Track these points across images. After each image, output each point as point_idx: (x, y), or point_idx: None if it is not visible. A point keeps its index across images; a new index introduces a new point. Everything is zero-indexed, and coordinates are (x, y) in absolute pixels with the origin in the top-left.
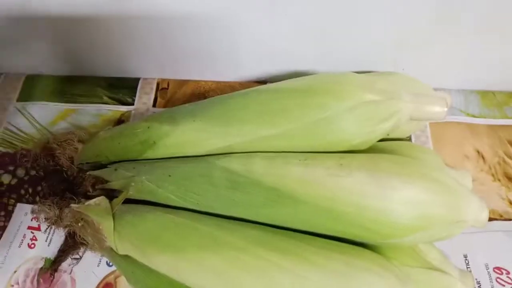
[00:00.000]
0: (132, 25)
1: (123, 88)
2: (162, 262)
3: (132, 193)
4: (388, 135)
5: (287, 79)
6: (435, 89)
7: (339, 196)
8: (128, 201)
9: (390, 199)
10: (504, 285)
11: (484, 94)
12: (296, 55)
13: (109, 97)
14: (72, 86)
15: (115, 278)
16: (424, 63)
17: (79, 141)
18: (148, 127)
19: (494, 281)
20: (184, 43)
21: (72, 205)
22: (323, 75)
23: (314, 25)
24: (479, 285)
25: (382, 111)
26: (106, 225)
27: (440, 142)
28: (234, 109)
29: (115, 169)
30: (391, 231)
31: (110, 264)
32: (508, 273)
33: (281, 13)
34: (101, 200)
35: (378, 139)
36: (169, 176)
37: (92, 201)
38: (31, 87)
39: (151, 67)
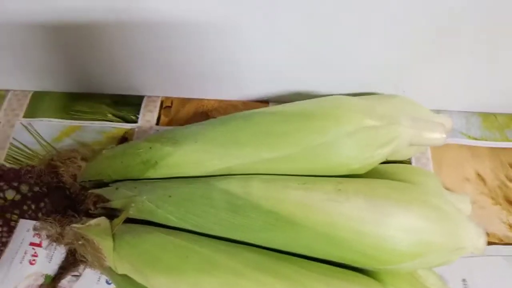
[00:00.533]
0: (137, 43)
1: (127, 105)
2: (161, 284)
3: (132, 213)
4: (387, 159)
5: (289, 99)
6: (437, 111)
7: (337, 222)
8: (128, 220)
9: (387, 226)
10: None
11: (486, 117)
12: (297, 77)
13: (113, 115)
14: (77, 103)
15: None
16: (425, 85)
17: (82, 159)
18: (150, 148)
19: None
20: (186, 61)
21: (73, 225)
22: (323, 99)
23: (315, 49)
24: None
25: (381, 137)
26: (105, 245)
27: (441, 165)
28: (235, 131)
29: (117, 188)
30: (389, 258)
31: (109, 282)
32: None
33: (282, 37)
34: (101, 220)
35: (377, 163)
36: (170, 196)
37: (92, 222)
38: (37, 104)
39: (155, 85)
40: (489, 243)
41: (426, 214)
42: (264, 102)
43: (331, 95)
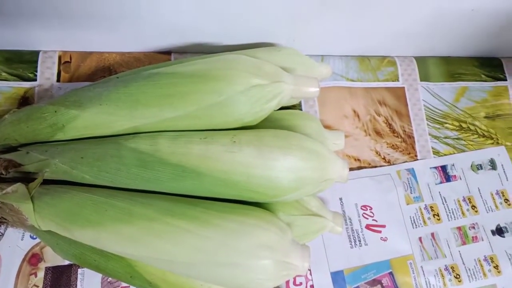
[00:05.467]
0: None
1: (22, 62)
2: (84, 236)
3: (48, 175)
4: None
5: (191, 49)
6: (323, 56)
7: (233, 169)
8: (45, 180)
9: (272, 168)
10: (367, 218)
11: (362, 60)
12: (199, 28)
13: (8, 73)
14: None
15: (41, 248)
16: (312, 34)
17: None
18: (55, 111)
19: (361, 216)
20: (80, 9)
21: None
22: (217, 59)
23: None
24: (350, 220)
25: (267, 94)
26: (25, 208)
27: (324, 104)
28: (138, 93)
29: (27, 152)
30: (275, 193)
31: (34, 237)
32: (371, 208)
33: None
34: (18, 186)
35: (266, 116)
36: (82, 158)
37: (9, 189)
38: None
39: (50, 39)
40: (361, 167)
41: (301, 156)
42: (167, 53)
43: (232, 45)
